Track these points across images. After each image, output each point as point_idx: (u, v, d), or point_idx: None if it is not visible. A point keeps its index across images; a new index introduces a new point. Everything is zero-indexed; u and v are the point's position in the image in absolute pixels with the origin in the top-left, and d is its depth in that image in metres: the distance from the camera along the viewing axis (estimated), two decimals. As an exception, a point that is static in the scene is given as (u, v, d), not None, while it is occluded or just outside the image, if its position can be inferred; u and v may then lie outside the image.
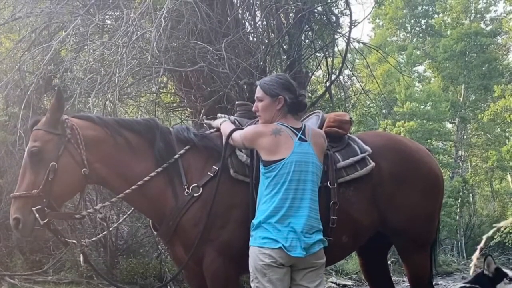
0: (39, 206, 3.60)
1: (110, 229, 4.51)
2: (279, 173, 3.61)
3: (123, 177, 3.94)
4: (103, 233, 4.52)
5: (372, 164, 4.16)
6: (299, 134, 3.75)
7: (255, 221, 3.64)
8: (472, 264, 2.26)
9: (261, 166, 3.73)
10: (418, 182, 4.18)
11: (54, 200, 3.69)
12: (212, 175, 3.97)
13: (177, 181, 3.96)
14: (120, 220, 4.47)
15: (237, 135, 3.89)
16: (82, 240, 4.02)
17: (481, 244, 2.18)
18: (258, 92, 3.89)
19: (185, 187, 3.93)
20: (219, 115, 4.44)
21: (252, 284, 3.65)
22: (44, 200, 3.62)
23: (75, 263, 8.66)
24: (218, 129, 4.22)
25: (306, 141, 3.75)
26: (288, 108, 3.80)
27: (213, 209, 3.93)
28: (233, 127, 4.06)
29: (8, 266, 8.76)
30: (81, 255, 4.00)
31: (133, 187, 3.88)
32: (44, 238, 8.32)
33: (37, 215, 3.58)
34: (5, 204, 8.59)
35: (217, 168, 3.99)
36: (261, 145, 3.70)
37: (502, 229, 18.78)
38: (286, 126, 3.74)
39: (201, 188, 3.93)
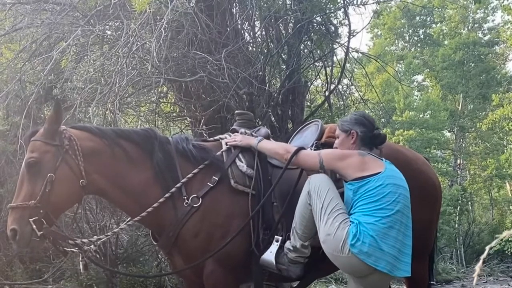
0: (36, 217, 3.60)
1: (108, 234, 4.49)
2: (378, 185, 3.64)
3: (121, 188, 3.96)
4: (106, 236, 4.45)
5: None
6: (383, 159, 3.84)
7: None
8: (475, 274, 2.30)
9: (348, 184, 3.75)
10: (415, 191, 4.17)
11: (51, 211, 3.69)
12: (211, 185, 4.00)
13: (177, 192, 3.97)
14: (118, 228, 4.47)
15: (311, 153, 3.96)
16: (84, 243, 4.01)
17: (484, 255, 2.22)
18: (337, 130, 4.01)
19: (185, 197, 3.95)
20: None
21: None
22: (41, 211, 3.63)
23: (75, 272, 8.68)
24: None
25: (390, 163, 3.85)
26: (362, 142, 3.90)
27: (213, 219, 3.95)
28: (285, 144, 4.13)
29: (8, 275, 8.76)
30: (81, 263, 3.98)
31: (148, 210, 3.92)
32: (41, 249, 8.34)
33: (34, 226, 3.59)
34: (5, 213, 8.58)
35: (216, 179, 4.02)
36: (349, 164, 3.74)
37: (500, 236, 18.73)
38: (368, 153, 3.83)
39: (200, 199, 3.95)
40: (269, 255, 3.92)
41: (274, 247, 3.94)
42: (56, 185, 3.70)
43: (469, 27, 29.31)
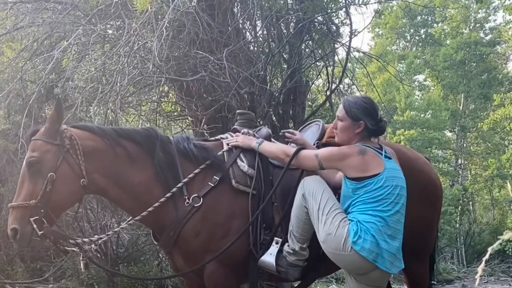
0: (37, 217, 3.59)
1: (109, 233, 4.50)
2: (376, 187, 3.65)
3: (122, 188, 3.95)
4: (107, 235, 4.46)
5: None
6: (383, 153, 3.81)
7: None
8: (478, 276, 2.30)
9: (347, 181, 3.75)
10: (416, 191, 4.18)
11: (52, 211, 3.68)
12: (212, 185, 4.00)
13: (178, 192, 3.97)
14: (119, 227, 4.47)
15: (309, 154, 3.90)
16: (85, 243, 3.99)
17: (486, 256, 2.22)
18: (340, 112, 3.89)
19: (186, 197, 3.94)
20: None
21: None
22: (42, 210, 3.61)
23: (76, 271, 8.67)
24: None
25: (390, 158, 3.83)
26: (367, 133, 3.84)
27: (213, 219, 3.95)
28: (284, 145, 4.10)
29: (9, 274, 8.76)
30: (81, 262, 3.96)
31: (149, 209, 3.92)
32: (42, 248, 8.34)
33: (34, 226, 3.57)
34: (6, 212, 8.58)
35: (218, 178, 4.01)
36: (349, 165, 3.71)
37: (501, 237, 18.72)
38: (368, 146, 3.78)
39: (201, 198, 3.95)
40: (269, 257, 3.93)
41: (274, 249, 3.95)
42: (57, 185, 3.69)
43: (471, 27, 29.31)
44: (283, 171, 3.96)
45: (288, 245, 3.90)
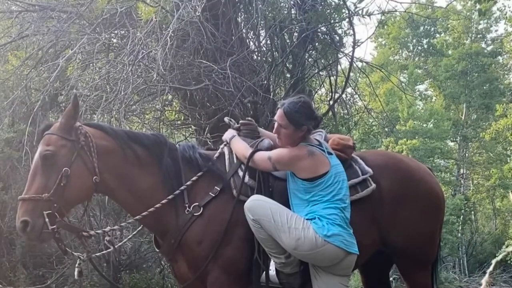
0: (50, 211, 3.60)
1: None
2: (328, 185, 3.82)
3: (129, 190, 3.99)
4: (108, 250, 4.50)
5: (373, 185, 4.23)
6: (325, 149, 3.95)
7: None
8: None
9: (298, 180, 3.89)
10: (418, 201, 4.23)
11: (63, 206, 3.70)
12: (213, 195, 4.04)
13: (180, 199, 4.02)
14: (125, 240, 4.50)
15: (263, 157, 3.98)
16: (81, 254, 4.02)
17: (491, 268, 2.26)
18: (282, 119, 3.93)
19: (186, 205, 3.99)
20: (226, 119, 4.54)
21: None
22: (55, 205, 3.63)
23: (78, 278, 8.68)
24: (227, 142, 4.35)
25: (331, 153, 3.99)
26: (308, 133, 3.96)
27: (216, 227, 3.98)
28: (248, 146, 4.14)
29: (11, 281, 8.77)
30: (76, 269, 3.99)
31: (150, 210, 3.95)
32: (44, 254, 8.34)
33: (47, 220, 3.58)
34: (9, 219, 8.62)
35: (218, 189, 4.05)
36: (301, 168, 3.85)
37: (504, 248, 18.74)
38: (313, 145, 3.91)
39: (201, 208, 3.99)
40: (271, 272, 4.03)
41: (273, 264, 4.04)
42: (71, 180, 3.71)
43: (472, 38, 29.35)
44: (244, 171, 4.07)
45: (275, 263, 3.98)
